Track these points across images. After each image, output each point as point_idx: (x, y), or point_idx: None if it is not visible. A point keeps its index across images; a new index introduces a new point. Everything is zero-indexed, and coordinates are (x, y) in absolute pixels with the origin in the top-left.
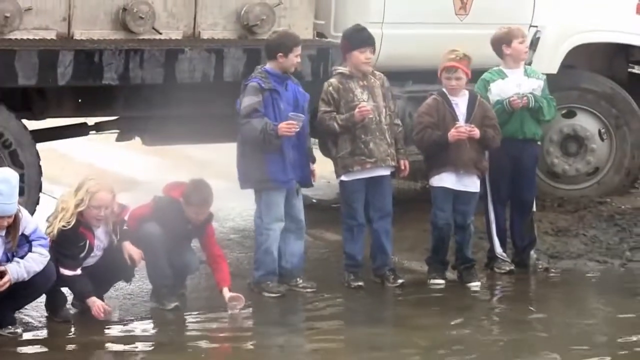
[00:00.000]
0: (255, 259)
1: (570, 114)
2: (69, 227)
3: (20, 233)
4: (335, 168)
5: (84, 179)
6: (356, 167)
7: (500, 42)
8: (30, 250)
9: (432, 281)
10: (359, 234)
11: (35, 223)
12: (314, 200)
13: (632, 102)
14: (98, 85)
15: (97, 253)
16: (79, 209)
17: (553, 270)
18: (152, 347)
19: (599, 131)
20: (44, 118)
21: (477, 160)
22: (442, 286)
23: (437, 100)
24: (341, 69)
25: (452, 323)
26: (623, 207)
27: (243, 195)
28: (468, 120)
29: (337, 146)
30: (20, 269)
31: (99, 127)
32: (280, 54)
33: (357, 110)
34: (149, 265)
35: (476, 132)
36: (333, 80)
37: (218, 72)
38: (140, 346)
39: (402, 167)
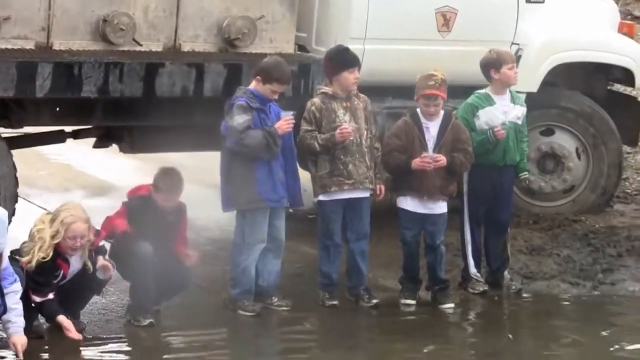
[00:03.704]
0: (232, 277)
1: (549, 132)
2: (48, 258)
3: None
4: (314, 187)
5: (59, 208)
6: (334, 187)
7: (489, 67)
8: None
9: (403, 301)
10: (335, 254)
11: (7, 261)
12: (290, 211)
13: (610, 122)
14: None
15: (69, 277)
16: (55, 241)
17: (525, 294)
18: None
19: (576, 149)
20: (21, 127)
21: (443, 187)
22: (412, 308)
23: (407, 123)
24: (325, 89)
25: (425, 351)
26: (597, 226)
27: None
28: (437, 145)
29: (316, 165)
30: (20, 321)
31: (76, 135)
32: (259, 77)
33: (338, 131)
34: (133, 283)
35: (442, 162)
36: (316, 99)
37: (198, 87)
38: None
39: (378, 192)
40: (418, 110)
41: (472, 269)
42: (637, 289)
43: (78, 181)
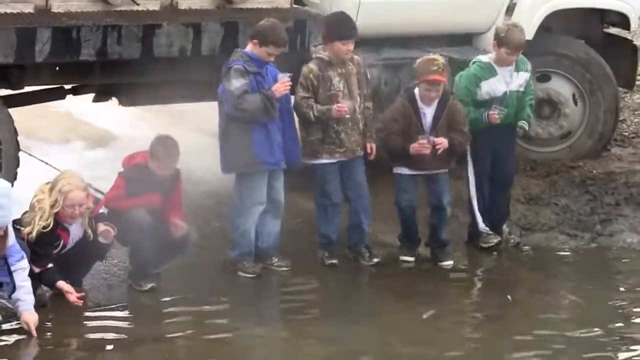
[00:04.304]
0: (232, 239)
1: (545, 78)
2: (49, 228)
3: (9, 244)
4: (303, 150)
5: (57, 177)
6: (325, 155)
7: (495, 38)
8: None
9: (402, 257)
10: (334, 213)
11: (13, 237)
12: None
13: (606, 67)
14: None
15: (69, 246)
16: (55, 210)
17: (524, 247)
18: (128, 334)
19: (573, 95)
20: (21, 88)
21: (442, 164)
22: (411, 264)
23: (405, 106)
24: (321, 54)
25: (425, 317)
26: (595, 171)
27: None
28: (434, 129)
29: (307, 129)
30: (30, 299)
31: (76, 91)
32: (255, 40)
33: (335, 107)
34: (132, 248)
35: (443, 145)
36: (313, 66)
37: (195, 46)
38: (116, 333)
39: (369, 151)
40: (416, 92)
41: (481, 224)
42: (635, 240)
43: (78, 131)
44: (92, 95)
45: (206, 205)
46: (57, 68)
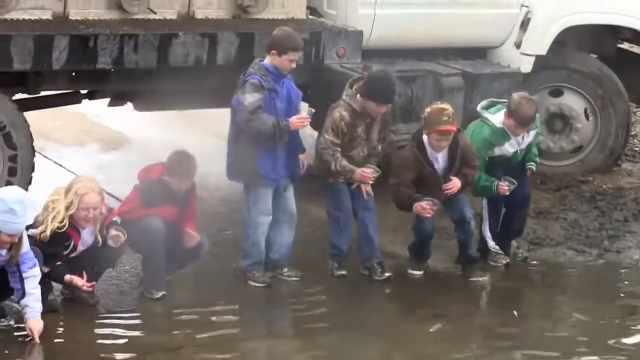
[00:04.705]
0: (242, 249)
1: (557, 93)
2: (63, 229)
3: (22, 251)
4: (316, 163)
5: (73, 181)
6: (340, 179)
7: (507, 106)
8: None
9: (410, 271)
10: (345, 224)
11: (27, 244)
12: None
13: (618, 83)
14: None
15: (80, 250)
16: (70, 212)
17: (532, 262)
18: (138, 341)
19: (585, 110)
20: (38, 93)
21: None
22: (419, 276)
23: (416, 155)
24: (353, 104)
25: (431, 330)
26: (604, 186)
27: None
28: (449, 171)
29: (321, 158)
30: (38, 306)
31: (91, 95)
32: (274, 51)
33: (359, 172)
34: (145, 256)
35: (455, 188)
36: (345, 113)
37: (211, 56)
38: (126, 340)
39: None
40: (424, 140)
41: (491, 243)
42: None
43: (93, 134)
44: (107, 105)
45: (220, 212)
46: (74, 73)
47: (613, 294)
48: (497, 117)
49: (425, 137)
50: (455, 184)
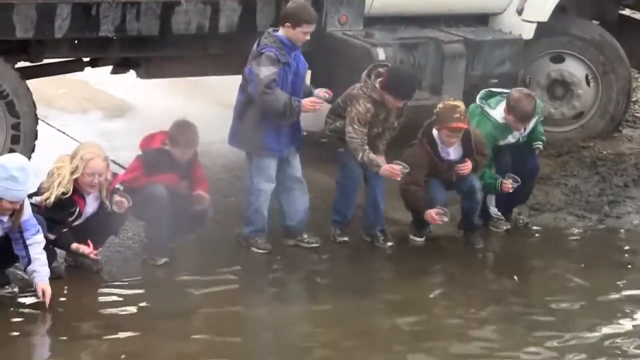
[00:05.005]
0: (245, 216)
1: (559, 59)
2: (68, 194)
3: (24, 218)
4: (328, 131)
5: (78, 147)
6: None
7: (507, 102)
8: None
9: (412, 237)
10: (353, 191)
11: (30, 211)
12: (304, 133)
13: (619, 50)
14: None
15: (85, 217)
16: (74, 176)
17: (533, 228)
18: (141, 308)
19: (586, 77)
20: (40, 60)
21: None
22: (421, 243)
23: (427, 152)
24: (373, 95)
25: (431, 296)
26: (605, 152)
27: None
28: (462, 161)
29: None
30: (45, 270)
31: (94, 63)
32: (288, 23)
33: (387, 169)
34: (148, 223)
35: (467, 169)
36: (370, 106)
37: (213, 24)
38: (130, 306)
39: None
40: (434, 135)
41: (493, 209)
42: None
43: (95, 101)
44: (110, 72)
45: (223, 178)
46: (76, 41)
47: (613, 259)
48: (498, 112)
49: (435, 132)
50: (468, 165)
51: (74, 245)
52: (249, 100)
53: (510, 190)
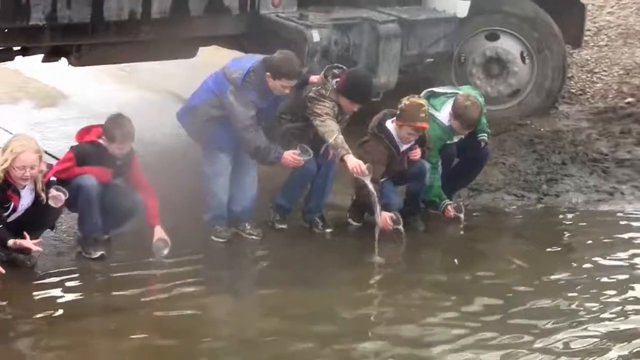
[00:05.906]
0: (206, 203)
1: (493, 37)
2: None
3: None
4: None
5: (11, 139)
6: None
7: (453, 107)
8: None
9: (350, 221)
10: (305, 183)
11: None
12: None
13: (554, 26)
14: None
15: (21, 210)
16: (3, 167)
17: (472, 208)
18: (77, 302)
19: (521, 54)
20: None
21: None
22: (359, 226)
23: (387, 148)
24: (332, 96)
25: (371, 281)
26: (542, 130)
27: (168, 112)
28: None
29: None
30: None
31: (25, 52)
32: (269, 74)
33: (354, 164)
34: (80, 215)
35: (418, 155)
36: (336, 108)
37: (146, 9)
38: (65, 301)
39: None
40: (389, 126)
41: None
42: (580, 200)
43: (27, 89)
44: (41, 61)
45: (158, 165)
46: (6, 30)
47: (552, 237)
48: (444, 115)
49: (391, 125)
50: (418, 151)
51: (12, 242)
52: (220, 103)
53: (452, 216)
